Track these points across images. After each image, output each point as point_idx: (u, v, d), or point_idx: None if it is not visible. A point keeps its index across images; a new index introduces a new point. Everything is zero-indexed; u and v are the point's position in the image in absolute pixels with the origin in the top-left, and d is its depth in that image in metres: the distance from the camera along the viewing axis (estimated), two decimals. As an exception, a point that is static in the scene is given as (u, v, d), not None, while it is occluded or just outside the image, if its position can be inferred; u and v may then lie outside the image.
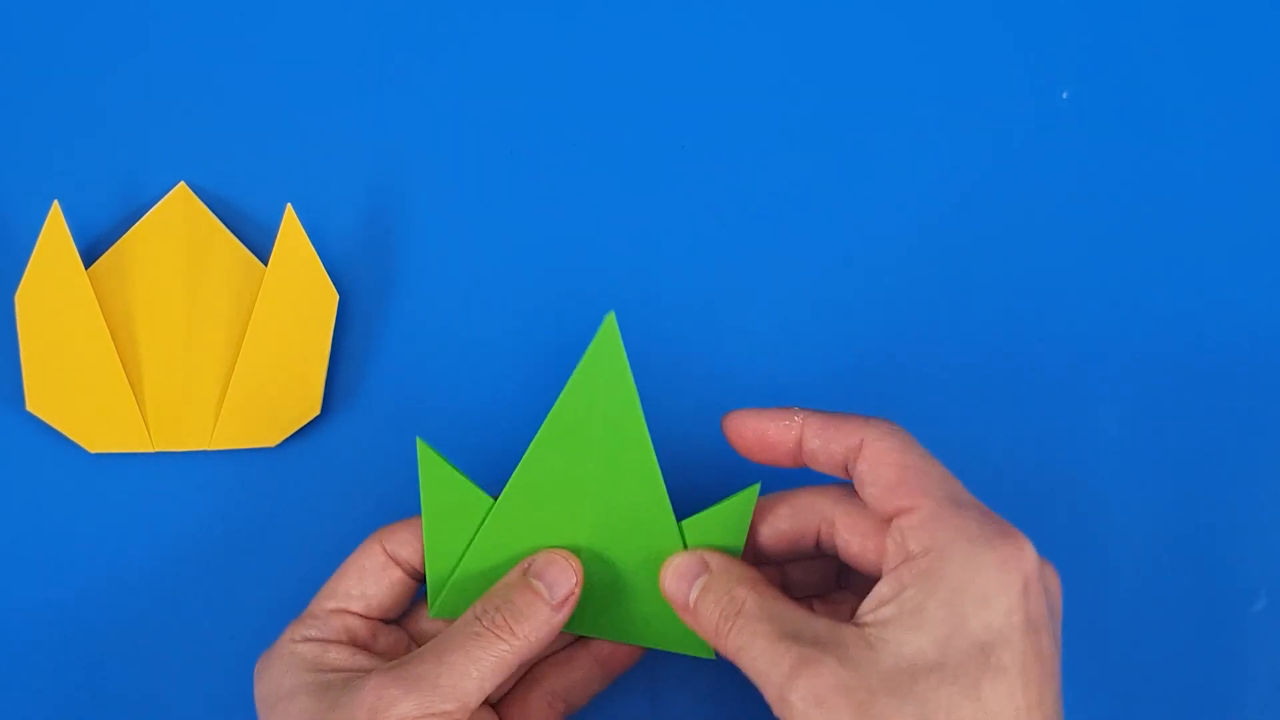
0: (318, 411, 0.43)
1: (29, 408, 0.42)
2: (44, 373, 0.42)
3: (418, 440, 0.39)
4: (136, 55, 0.45)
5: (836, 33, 0.46)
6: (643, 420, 0.39)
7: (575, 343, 0.44)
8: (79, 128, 0.44)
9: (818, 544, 0.39)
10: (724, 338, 0.45)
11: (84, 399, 0.42)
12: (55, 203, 0.42)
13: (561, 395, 0.38)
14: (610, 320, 0.38)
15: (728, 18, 0.46)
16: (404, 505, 0.43)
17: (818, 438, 0.37)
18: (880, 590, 0.34)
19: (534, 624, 0.37)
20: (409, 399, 0.44)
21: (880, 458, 0.36)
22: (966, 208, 0.46)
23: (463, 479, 0.39)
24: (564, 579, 0.38)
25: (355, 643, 0.39)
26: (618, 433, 0.39)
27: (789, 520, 0.39)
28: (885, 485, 0.35)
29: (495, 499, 0.39)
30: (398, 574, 0.39)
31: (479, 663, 0.35)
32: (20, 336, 0.42)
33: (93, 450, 0.42)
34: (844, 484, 0.38)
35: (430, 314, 0.44)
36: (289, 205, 0.43)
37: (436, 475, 0.39)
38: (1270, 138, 0.46)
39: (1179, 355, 0.45)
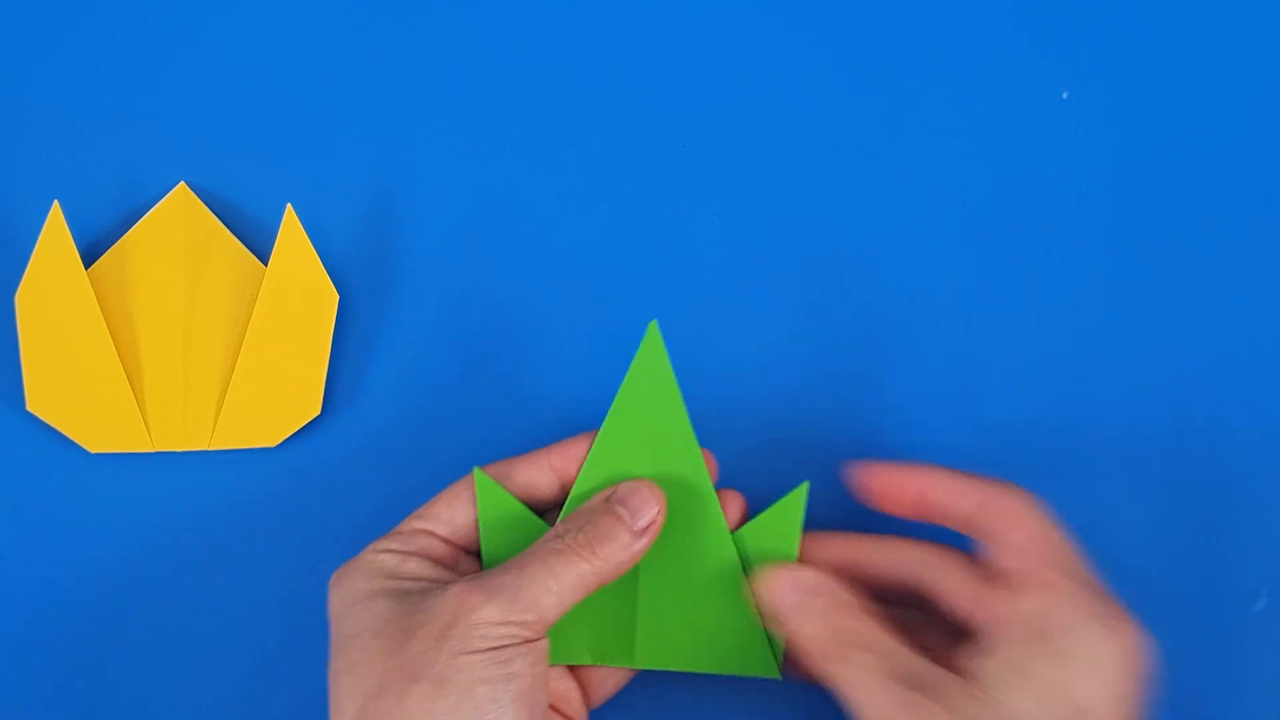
0: (318, 411, 0.43)
1: (29, 408, 0.42)
2: (44, 373, 0.42)
3: (475, 470, 0.39)
4: (137, 55, 0.45)
5: (836, 33, 0.46)
6: (690, 429, 0.39)
7: (575, 342, 0.44)
8: (79, 128, 0.44)
9: (903, 591, 0.40)
10: (724, 337, 0.45)
11: (84, 399, 0.42)
12: (55, 203, 0.42)
13: (611, 409, 0.39)
14: (653, 329, 0.39)
15: (728, 18, 0.46)
16: (404, 506, 0.43)
17: (948, 492, 0.38)
18: (988, 644, 0.36)
19: (614, 547, 0.37)
20: (409, 399, 0.44)
21: (1015, 520, 0.37)
22: (966, 207, 0.46)
23: (520, 507, 0.39)
24: (646, 507, 0.38)
25: (435, 559, 0.38)
26: (667, 444, 0.39)
27: (888, 568, 0.40)
28: (1015, 548, 0.37)
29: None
30: None
31: (559, 578, 0.36)
32: (20, 336, 0.42)
33: (93, 450, 0.42)
34: (943, 544, 0.39)
35: (430, 314, 0.44)
36: (289, 205, 0.43)
37: (494, 505, 0.39)
38: (1272, 137, 0.46)
39: (1179, 354, 0.45)
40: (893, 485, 0.39)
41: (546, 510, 0.40)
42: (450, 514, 0.39)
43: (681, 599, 0.39)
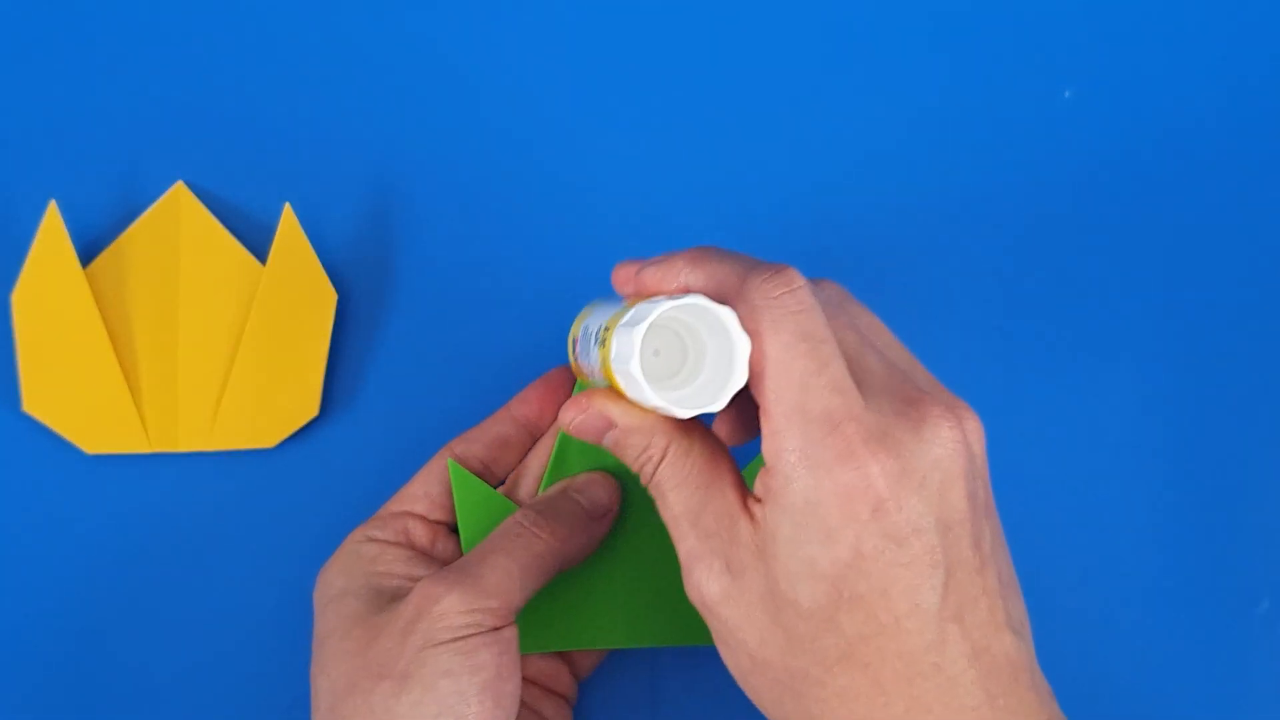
0: (316, 412, 0.43)
1: (26, 408, 0.42)
2: (41, 373, 0.42)
3: (449, 461, 0.40)
4: (134, 55, 0.45)
5: (837, 32, 0.46)
6: None
7: (575, 343, 0.44)
8: (77, 127, 0.44)
9: None
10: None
11: (81, 399, 0.42)
12: (52, 202, 0.42)
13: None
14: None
15: (729, 17, 0.46)
16: (403, 506, 0.43)
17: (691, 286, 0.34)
18: (760, 483, 0.32)
19: (572, 528, 0.38)
20: (409, 399, 0.44)
21: (755, 340, 0.32)
22: (968, 207, 0.46)
23: (494, 493, 0.40)
24: (603, 494, 0.39)
25: (414, 546, 0.39)
26: None
27: None
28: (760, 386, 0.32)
29: None
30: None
31: (520, 562, 0.36)
32: (17, 337, 0.42)
33: (90, 451, 0.42)
34: None
35: (430, 314, 0.44)
36: (288, 205, 0.43)
37: (470, 492, 0.40)
38: (1272, 136, 0.46)
39: (1181, 355, 0.45)
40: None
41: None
42: (425, 489, 0.40)
43: (663, 574, 0.40)
